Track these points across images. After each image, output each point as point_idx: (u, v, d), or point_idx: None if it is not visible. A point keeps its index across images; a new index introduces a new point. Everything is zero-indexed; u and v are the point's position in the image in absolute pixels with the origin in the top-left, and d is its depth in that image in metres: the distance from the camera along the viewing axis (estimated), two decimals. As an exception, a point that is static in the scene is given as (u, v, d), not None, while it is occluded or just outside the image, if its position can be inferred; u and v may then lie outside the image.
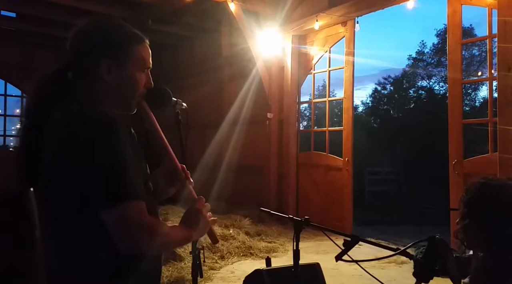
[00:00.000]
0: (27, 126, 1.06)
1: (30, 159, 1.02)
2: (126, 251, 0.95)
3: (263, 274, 2.34)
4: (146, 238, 0.95)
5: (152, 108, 1.18)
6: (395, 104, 20.78)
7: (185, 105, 1.26)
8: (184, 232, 1.10)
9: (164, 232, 1.03)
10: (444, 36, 16.73)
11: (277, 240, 5.42)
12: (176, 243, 1.11)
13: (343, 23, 5.90)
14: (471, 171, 4.52)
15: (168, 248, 1.13)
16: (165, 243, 1.04)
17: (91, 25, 1.13)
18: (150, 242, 0.97)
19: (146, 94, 1.16)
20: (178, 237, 1.08)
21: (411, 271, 4.07)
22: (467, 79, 9.18)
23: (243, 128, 7.01)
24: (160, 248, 1.07)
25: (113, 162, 0.95)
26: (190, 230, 1.11)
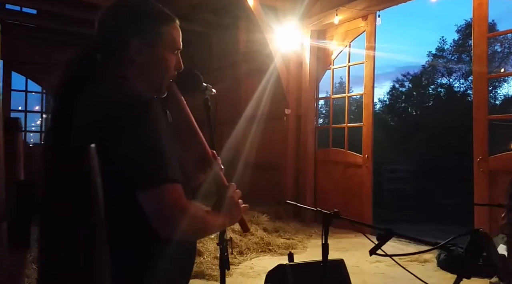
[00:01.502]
0: (55, 111, 1.03)
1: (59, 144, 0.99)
2: (165, 234, 0.92)
3: (286, 269, 2.31)
4: (186, 221, 0.92)
5: (182, 92, 1.15)
6: (413, 102, 20.46)
7: (214, 91, 1.23)
8: (220, 219, 1.06)
9: (202, 217, 1.00)
10: (465, 31, 16.39)
11: (295, 237, 5.37)
12: (212, 229, 1.07)
13: (364, 17, 5.79)
14: (497, 168, 4.38)
15: (205, 234, 1.09)
16: (203, 228, 1.01)
17: (119, 4, 1.10)
18: (189, 226, 0.93)
19: (177, 78, 1.12)
20: (214, 223, 1.05)
21: (434, 270, 3.96)
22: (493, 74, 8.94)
23: (260, 124, 6.97)
24: (198, 233, 1.04)
25: (152, 143, 0.92)
26: (223, 216, 1.07)
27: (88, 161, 0.75)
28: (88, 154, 0.75)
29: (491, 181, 4.40)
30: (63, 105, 1.02)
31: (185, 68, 1.15)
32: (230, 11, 7.23)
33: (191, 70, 1.18)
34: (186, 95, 1.16)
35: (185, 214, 0.93)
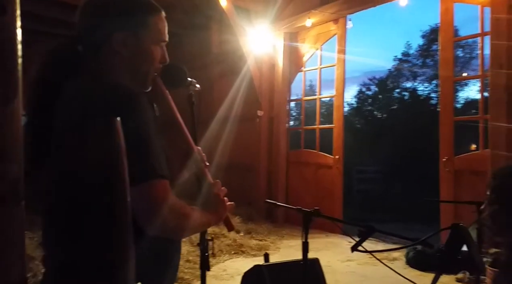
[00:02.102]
0: (34, 106, 0.97)
1: (40, 140, 0.93)
2: (151, 230, 0.89)
3: (263, 269, 2.29)
4: (172, 218, 0.89)
5: (166, 86, 1.11)
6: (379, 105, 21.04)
7: (198, 87, 1.20)
8: (205, 217, 1.03)
9: (189, 214, 0.97)
10: (430, 37, 17.03)
11: (268, 238, 5.38)
12: (199, 227, 1.05)
13: (335, 20, 5.89)
14: (461, 168, 4.56)
15: (192, 232, 1.06)
16: (190, 226, 0.98)
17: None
18: (175, 223, 0.90)
19: (162, 71, 1.09)
20: (202, 221, 1.02)
21: (403, 268, 4.07)
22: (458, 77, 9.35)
23: (233, 126, 6.94)
24: (184, 231, 1.00)
25: (139, 138, 0.88)
26: (209, 214, 1.04)
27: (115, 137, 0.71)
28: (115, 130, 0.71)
29: (456, 180, 4.58)
30: (42, 99, 0.96)
31: (170, 62, 1.11)
32: (202, 11, 7.16)
33: (176, 64, 1.15)
34: (171, 90, 1.12)
35: (173, 211, 0.90)
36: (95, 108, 0.89)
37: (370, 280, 3.85)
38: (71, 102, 0.92)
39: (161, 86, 1.09)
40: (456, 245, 1.13)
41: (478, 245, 1.80)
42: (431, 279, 1.85)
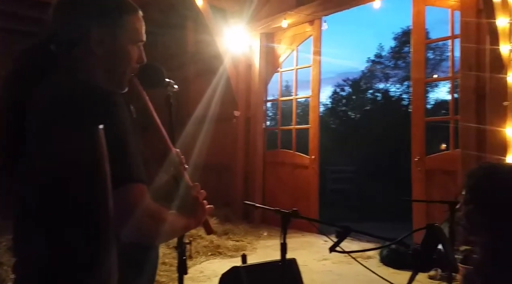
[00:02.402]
0: (5, 107, 0.93)
1: (11, 143, 0.89)
2: (128, 237, 0.86)
3: (240, 271, 2.28)
4: (152, 224, 0.86)
5: (144, 87, 1.08)
6: (353, 106, 21.42)
7: (176, 87, 1.17)
8: (184, 221, 1.01)
9: (167, 218, 0.94)
10: (401, 39, 17.45)
11: (245, 239, 5.37)
12: (177, 232, 1.02)
13: (311, 22, 5.95)
14: (433, 168, 4.69)
15: (170, 237, 1.03)
16: (168, 231, 0.95)
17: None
18: (153, 228, 0.88)
19: (139, 71, 1.06)
20: (180, 225, 1.00)
21: (377, 266, 4.14)
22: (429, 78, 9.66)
23: (210, 126, 6.89)
24: (164, 236, 0.97)
25: (115, 140, 0.85)
26: (188, 218, 1.02)
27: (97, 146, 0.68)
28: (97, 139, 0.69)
29: (428, 179, 4.71)
30: (14, 99, 0.92)
31: (147, 62, 1.09)
32: (178, 10, 7.08)
33: (153, 64, 1.13)
34: (148, 90, 1.10)
35: (149, 216, 0.87)
36: (69, 110, 0.86)
37: (345, 278, 3.91)
38: (44, 103, 0.88)
39: (138, 86, 1.07)
40: (431, 245, 1.15)
41: (451, 243, 1.85)
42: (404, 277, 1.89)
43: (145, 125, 1.04)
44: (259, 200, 6.53)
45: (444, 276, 3.52)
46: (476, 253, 1.13)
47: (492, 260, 1.05)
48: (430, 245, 1.15)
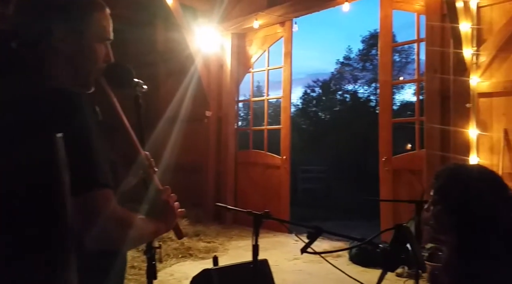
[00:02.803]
0: None
1: None
2: (94, 244, 0.82)
3: (212, 273, 2.26)
4: (118, 231, 0.83)
5: (111, 87, 1.04)
6: (323, 106, 21.76)
7: (145, 88, 1.14)
8: (153, 225, 0.98)
9: (136, 224, 0.90)
10: (369, 42, 17.90)
11: (216, 240, 5.33)
12: (146, 237, 0.99)
13: (282, 23, 5.98)
14: (399, 167, 4.83)
15: (139, 243, 1.00)
16: (136, 237, 0.91)
17: None
18: (120, 235, 0.84)
19: (106, 71, 1.02)
20: (149, 231, 0.96)
21: (346, 264, 4.21)
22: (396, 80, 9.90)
23: (181, 126, 6.81)
24: (130, 242, 0.93)
25: (79, 144, 0.81)
26: (158, 223, 0.99)
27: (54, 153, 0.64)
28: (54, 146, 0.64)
29: (395, 179, 4.85)
30: None
31: (115, 61, 1.05)
32: (147, 8, 6.95)
33: (122, 64, 1.09)
34: (116, 91, 1.06)
35: (115, 222, 0.84)
36: (30, 112, 0.81)
37: (316, 277, 3.96)
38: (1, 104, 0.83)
39: (105, 87, 1.03)
40: (400, 245, 1.18)
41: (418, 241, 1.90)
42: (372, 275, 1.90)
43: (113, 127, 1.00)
44: (230, 201, 6.51)
45: (411, 273, 3.63)
46: (444, 252, 1.16)
47: (460, 259, 1.09)
48: (399, 245, 1.17)
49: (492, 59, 3.93)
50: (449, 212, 1.15)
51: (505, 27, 3.84)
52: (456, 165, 1.26)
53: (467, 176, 1.18)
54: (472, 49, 3.96)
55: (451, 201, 1.15)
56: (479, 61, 3.95)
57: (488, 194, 1.11)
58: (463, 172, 1.21)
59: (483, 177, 1.16)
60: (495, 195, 1.12)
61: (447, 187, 1.18)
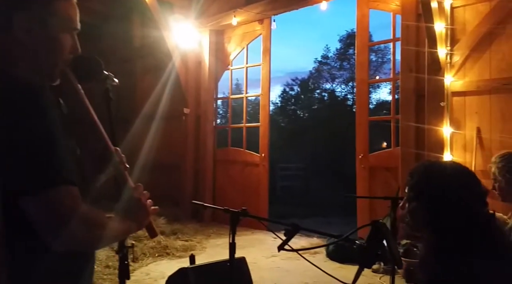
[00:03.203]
0: None
1: None
2: (57, 246, 0.78)
3: (188, 272, 2.22)
4: (83, 230, 0.78)
5: (78, 80, 0.99)
6: (301, 105, 21.92)
7: (116, 81, 1.09)
8: (124, 224, 0.94)
9: (103, 223, 0.86)
10: (346, 41, 18.12)
11: (194, 238, 5.28)
12: (115, 237, 0.94)
13: (260, 20, 5.96)
14: (375, 165, 4.90)
15: (109, 242, 0.95)
16: (103, 236, 0.87)
17: None
18: (88, 235, 0.80)
19: (72, 63, 0.97)
20: (117, 230, 0.92)
21: (324, 261, 4.25)
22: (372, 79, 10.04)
23: (159, 124, 6.70)
24: (98, 242, 0.89)
25: (41, 139, 0.76)
26: (128, 221, 0.95)
27: None
28: None
29: (371, 176, 4.91)
30: None
31: (83, 53, 1.00)
32: (122, 2, 6.80)
33: (90, 55, 1.03)
34: (84, 84, 1.01)
35: (82, 221, 0.80)
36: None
37: (293, 274, 3.97)
38: None
39: (71, 79, 0.97)
40: (376, 241, 1.18)
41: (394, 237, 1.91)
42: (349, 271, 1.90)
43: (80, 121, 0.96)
44: (209, 199, 6.46)
45: (387, 269, 3.69)
46: (420, 248, 1.17)
47: (436, 256, 1.10)
48: (375, 241, 1.17)
49: (466, 58, 4.02)
50: (424, 209, 1.16)
51: (477, 27, 3.94)
52: (431, 162, 1.27)
53: (441, 173, 1.19)
54: (446, 49, 4.05)
55: (425, 197, 1.16)
56: (453, 60, 4.04)
57: (462, 190, 1.12)
58: (437, 168, 1.22)
59: (457, 173, 1.18)
60: (469, 190, 1.13)
61: (421, 184, 1.19)
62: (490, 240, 1.07)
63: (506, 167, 1.79)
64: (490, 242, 1.06)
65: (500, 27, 3.85)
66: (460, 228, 1.08)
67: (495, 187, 1.83)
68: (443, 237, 1.10)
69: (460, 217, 1.09)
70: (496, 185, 1.84)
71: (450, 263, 1.06)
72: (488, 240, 1.07)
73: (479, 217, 1.10)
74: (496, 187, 1.83)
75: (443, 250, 1.09)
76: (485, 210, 1.13)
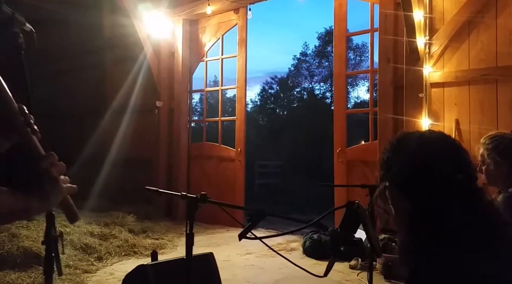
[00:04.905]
0: None
1: None
2: None
3: (147, 269, 2.00)
4: None
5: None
6: (281, 103, 21.88)
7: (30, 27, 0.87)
8: (19, 199, 0.71)
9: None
10: (325, 39, 18.11)
11: (165, 236, 5.03)
12: (10, 214, 0.72)
13: (236, 10, 5.76)
14: (353, 158, 4.77)
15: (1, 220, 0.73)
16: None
17: None
18: None
19: None
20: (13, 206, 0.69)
21: (300, 258, 4.07)
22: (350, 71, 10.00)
23: (130, 117, 6.41)
24: None
25: None
26: (28, 197, 0.73)
27: None
28: None
29: (348, 170, 4.78)
30: None
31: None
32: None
33: None
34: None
35: None
36: None
37: (268, 271, 3.79)
38: None
39: None
40: (351, 225, 1.00)
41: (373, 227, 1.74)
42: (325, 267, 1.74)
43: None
44: (182, 196, 6.21)
45: (364, 265, 3.55)
46: (398, 235, 0.98)
47: (415, 244, 0.91)
48: (350, 225, 0.99)
49: (444, 48, 3.94)
50: (397, 188, 0.97)
51: (456, 17, 3.85)
52: (404, 133, 1.06)
53: (415, 144, 0.99)
54: (425, 38, 3.95)
55: (397, 174, 0.97)
56: (431, 50, 3.95)
57: (441, 162, 0.94)
58: (411, 139, 1.02)
59: (434, 143, 0.99)
60: (450, 161, 0.94)
61: (392, 159, 0.99)
62: (478, 221, 0.89)
63: (496, 149, 1.65)
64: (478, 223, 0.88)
65: (479, 17, 3.78)
66: (442, 207, 0.90)
67: (482, 170, 1.69)
68: (421, 220, 0.91)
69: (441, 193, 0.91)
70: (484, 168, 1.69)
71: (432, 251, 0.87)
72: (477, 221, 0.89)
73: (465, 192, 0.91)
74: (483, 169, 1.69)
75: (422, 236, 0.90)
76: (473, 185, 0.94)
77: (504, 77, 3.65)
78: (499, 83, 3.69)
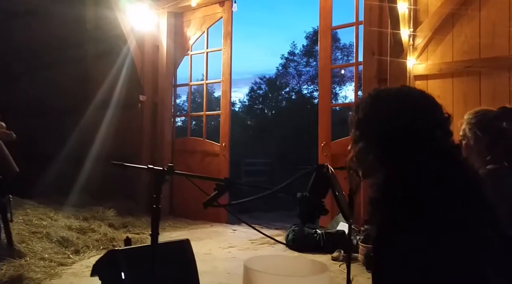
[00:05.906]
0: None
1: None
2: None
3: (117, 255, 1.92)
4: None
5: None
6: (269, 104, 21.85)
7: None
8: None
9: None
10: (313, 38, 18.13)
11: (146, 231, 4.92)
12: None
13: (221, 2, 5.69)
14: (337, 152, 4.74)
15: None
16: None
17: None
18: None
19: None
20: None
21: (283, 250, 4.00)
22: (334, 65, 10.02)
23: (113, 111, 6.29)
24: None
25: None
26: None
27: None
28: None
29: (333, 163, 4.72)
30: None
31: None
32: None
33: None
34: None
35: None
36: None
37: (251, 264, 3.72)
38: None
39: None
40: (321, 189, 0.94)
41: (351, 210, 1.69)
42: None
43: None
44: (166, 191, 6.11)
45: (346, 257, 3.51)
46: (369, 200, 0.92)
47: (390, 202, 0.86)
48: (319, 189, 0.93)
49: (428, 41, 3.93)
50: (374, 146, 0.92)
51: (440, 9, 3.85)
52: (379, 90, 1.00)
53: (394, 100, 0.95)
54: (409, 30, 3.94)
55: (373, 133, 0.92)
56: (415, 43, 3.94)
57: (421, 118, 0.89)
58: (388, 96, 0.97)
59: (414, 99, 0.94)
60: (430, 118, 0.90)
61: (369, 118, 0.94)
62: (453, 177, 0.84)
63: (479, 123, 1.62)
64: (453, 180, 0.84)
65: (463, 9, 3.78)
66: (422, 164, 0.85)
67: (462, 145, 1.65)
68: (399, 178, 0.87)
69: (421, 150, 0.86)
70: (464, 143, 1.66)
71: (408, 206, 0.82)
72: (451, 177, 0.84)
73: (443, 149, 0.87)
74: (462, 145, 1.66)
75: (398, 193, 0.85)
76: (448, 141, 0.90)
77: (487, 69, 3.66)
78: (482, 75, 3.70)
